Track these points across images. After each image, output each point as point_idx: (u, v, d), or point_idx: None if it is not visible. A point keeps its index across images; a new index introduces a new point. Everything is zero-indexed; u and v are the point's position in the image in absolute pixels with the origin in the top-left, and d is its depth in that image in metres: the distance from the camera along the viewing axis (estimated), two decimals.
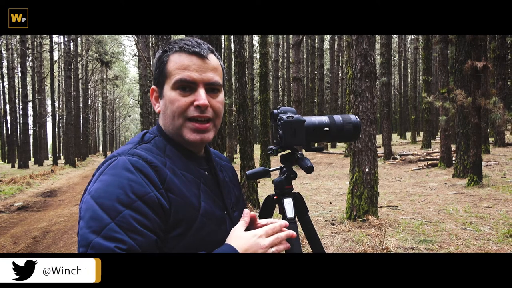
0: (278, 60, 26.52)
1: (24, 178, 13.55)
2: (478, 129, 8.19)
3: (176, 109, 0.92)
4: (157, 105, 0.98)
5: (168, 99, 0.93)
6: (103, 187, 0.80)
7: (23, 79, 21.98)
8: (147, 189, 0.81)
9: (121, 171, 0.81)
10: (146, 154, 0.87)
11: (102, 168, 0.84)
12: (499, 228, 4.81)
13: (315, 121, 1.17)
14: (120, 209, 0.76)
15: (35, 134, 28.91)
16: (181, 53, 0.93)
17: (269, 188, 8.78)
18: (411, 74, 35.92)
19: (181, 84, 0.91)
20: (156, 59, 0.98)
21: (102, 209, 0.76)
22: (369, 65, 5.24)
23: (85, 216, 0.77)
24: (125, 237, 0.75)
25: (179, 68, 0.92)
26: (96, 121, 47.89)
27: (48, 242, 5.53)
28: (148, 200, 0.80)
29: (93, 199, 0.78)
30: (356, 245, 4.24)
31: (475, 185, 7.91)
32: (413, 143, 22.24)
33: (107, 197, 0.78)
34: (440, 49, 12.57)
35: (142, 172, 0.82)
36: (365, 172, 5.21)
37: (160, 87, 0.96)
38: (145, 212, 0.78)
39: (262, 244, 0.89)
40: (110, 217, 0.75)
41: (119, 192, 0.78)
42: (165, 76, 0.94)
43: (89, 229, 0.75)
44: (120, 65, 41.11)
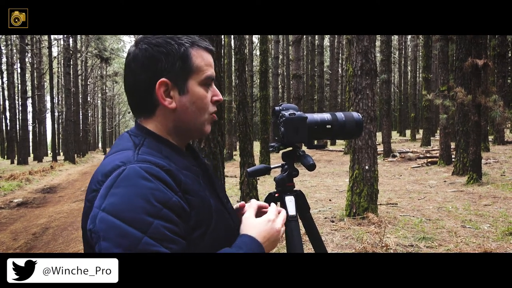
0: (278, 57, 26.46)
1: (24, 174, 13.55)
2: (478, 127, 8.19)
3: (204, 105, 0.93)
4: (169, 100, 0.89)
5: (196, 95, 0.91)
6: (122, 200, 0.73)
7: (22, 75, 21.92)
8: (168, 195, 0.77)
9: (137, 180, 0.75)
10: (155, 158, 0.82)
11: (109, 181, 0.77)
12: (498, 225, 4.81)
13: (317, 118, 1.16)
14: (150, 221, 0.72)
15: (35, 130, 28.89)
16: (205, 50, 0.93)
17: (269, 185, 8.78)
18: (411, 72, 35.92)
19: (208, 81, 0.93)
20: (167, 51, 0.88)
21: (129, 224, 0.71)
22: (369, 63, 5.23)
23: (108, 235, 0.71)
24: (161, 248, 0.72)
25: (207, 65, 0.93)
26: (95, 117, 47.82)
27: (48, 238, 5.54)
28: (172, 205, 0.77)
29: (113, 216, 0.72)
30: (356, 242, 4.25)
31: (475, 183, 7.92)
32: (413, 140, 22.25)
33: (131, 210, 0.72)
34: (440, 47, 12.55)
35: (159, 178, 0.78)
36: (365, 170, 5.21)
37: (181, 81, 0.90)
38: (172, 218, 0.75)
39: (277, 228, 0.94)
40: (141, 231, 0.71)
41: (143, 202, 0.73)
42: (191, 70, 0.90)
43: (120, 247, 0.70)
44: (119, 61, 41.00)
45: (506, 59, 17.89)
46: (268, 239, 0.92)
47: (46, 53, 27.07)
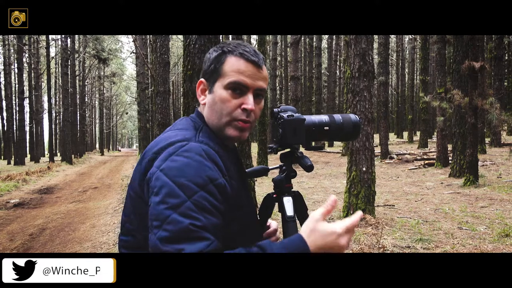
0: (276, 58, 26.46)
1: (20, 174, 13.49)
2: (474, 129, 8.22)
3: (225, 108, 0.99)
4: (203, 97, 1.06)
5: (218, 96, 1.00)
6: (179, 166, 0.85)
7: (19, 75, 21.86)
8: (217, 175, 0.88)
9: (196, 155, 0.87)
10: (213, 144, 0.95)
11: (172, 149, 0.89)
12: (494, 227, 4.84)
13: (315, 120, 1.17)
14: (196, 189, 0.82)
15: (32, 131, 28.79)
16: (240, 59, 1.00)
17: (266, 187, 8.79)
18: (409, 74, 36.01)
19: (234, 86, 0.99)
20: (214, 57, 1.03)
21: (179, 187, 0.81)
22: (367, 65, 5.25)
23: (160, 192, 0.82)
24: (200, 215, 0.80)
25: (235, 71, 0.99)
26: (93, 118, 47.70)
27: (45, 239, 5.52)
28: (218, 185, 0.87)
29: (168, 177, 0.83)
30: (353, 243, 4.26)
31: (471, 185, 7.95)
32: (410, 142, 22.30)
33: (184, 176, 0.83)
34: (437, 49, 12.61)
35: (213, 160, 0.89)
36: (362, 171, 5.22)
37: (211, 82, 1.03)
38: (215, 195, 0.85)
39: (342, 244, 0.84)
40: (187, 195, 0.81)
41: (195, 173, 0.84)
42: (219, 74, 1.01)
43: (166, 204, 0.80)
44: (117, 62, 40.96)
45: (503, 61, 17.99)
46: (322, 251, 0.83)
47: (44, 53, 27.01)
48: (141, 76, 21.92)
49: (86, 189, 10.95)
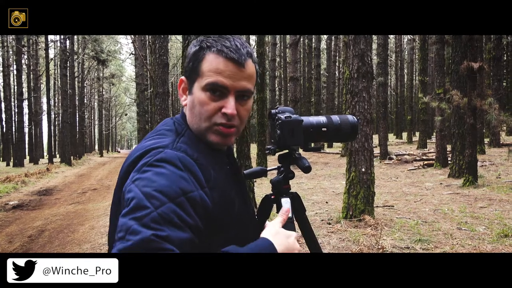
0: (275, 59, 26.49)
1: (19, 176, 13.48)
2: (473, 130, 8.23)
3: (204, 112, 0.92)
4: (184, 97, 0.99)
5: (197, 98, 0.93)
6: (150, 177, 0.80)
7: (18, 77, 21.86)
8: (192, 187, 0.81)
9: (169, 165, 0.82)
10: (192, 151, 0.88)
11: (146, 158, 0.84)
12: (493, 228, 4.84)
13: (313, 121, 1.17)
14: (164, 201, 0.76)
15: (31, 132, 28.75)
16: (219, 56, 0.91)
17: (266, 188, 8.79)
18: (408, 75, 36.05)
19: (212, 87, 0.90)
20: (192, 53, 0.95)
21: (148, 198, 0.76)
22: (366, 65, 5.26)
23: (130, 203, 0.78)
24: (164, 227, 0.75)
25: (213, 71, 0.90)
26: (92, 119, 47.66)
27: (44, 241, 5.51)
28: (192, 198, 0.80)
29: (139, 188, 0.78)
30: (352, 244, 4.26)
31: (470, 185, 7.96)
32: (409, 143, 22.32)
33: (154, 186, 0.78)
34: (436, 50, 12.63)
35: (189, 170, 0.83)
36: (362, 172, 5.22)
37: (191, 82, 0.95)
38: (186, 208, 0.78)
39: (297, 247, 0.91)
40: (154, 207, 0.75)
41: (166, 184, 0.78)
42: (197, 74, 0.93)
43: (131, 215, 0.75)
44: (116, 63, 40.94)
45: (501, 62, 18.03)
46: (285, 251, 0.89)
47: (42, 54, 27.01)
48: (140, 78, 21.93)
49: (85, 191, 10.94)
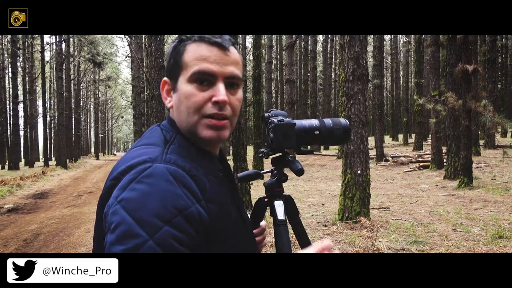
0: (272, 62, 26.58)
1: (15, 179, 13.40)
2: (468, 132, 8.28)
3: (192, 104, 0.83)
4: (169, 99, 0.90)
5: (183, 93, 0.84)
6: (139, 198, 0.70)
7: (14, 80, 21.77)
8: (188, 203, 0.73)
9: (160, 181, 0.73)
10: (183, 161, 0.79)
11: (132, 175, 0.74)
12: (488, 229, 4.87)
13: (305, 124, 1.18)
14: (160, 225, 0.68)
15: (26, 135, 28.65)
16: (201, 43, 0.84)
17: (262, 190, 8.75)
18: (403, 77, 36.26)
19: (199, 77, 0.83)
20: (171, 49, 0.89)
21: (139, 224, 0.68)
22: (361, 68, 5.28)
23: (117, 229, 0.68)
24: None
25: (197, 59, 0.83)
26: (88, 122, 47.51)
27: (39, 244, 5.48)
28: (189, 214, 0.72)
29: (127, 211, 0.69)
30: (348, 246, 4.27)
31: (466, 187, 8.00)
32: (405, 145, 22.43)
33: (145, 210, 0.69)
34: (431, 52, 12.72)
35: (183, 183, 0.74)
36: (357, 174, 5.24)
37: (174, 79, 0.87)
38: (184, 228, 0.71)
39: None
40: (149, 234, 0.67)
41: (159, 205, 0.70)
42: (180, 67, 0.85)
43: (122, 246, 0.67)
44: (112, 66, 40.84)
45: (496, 64, 18.16)
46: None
47: (38, 57, 26.92)
48: (136, 80, 21.91)
49: (81, 194, 10.89)
